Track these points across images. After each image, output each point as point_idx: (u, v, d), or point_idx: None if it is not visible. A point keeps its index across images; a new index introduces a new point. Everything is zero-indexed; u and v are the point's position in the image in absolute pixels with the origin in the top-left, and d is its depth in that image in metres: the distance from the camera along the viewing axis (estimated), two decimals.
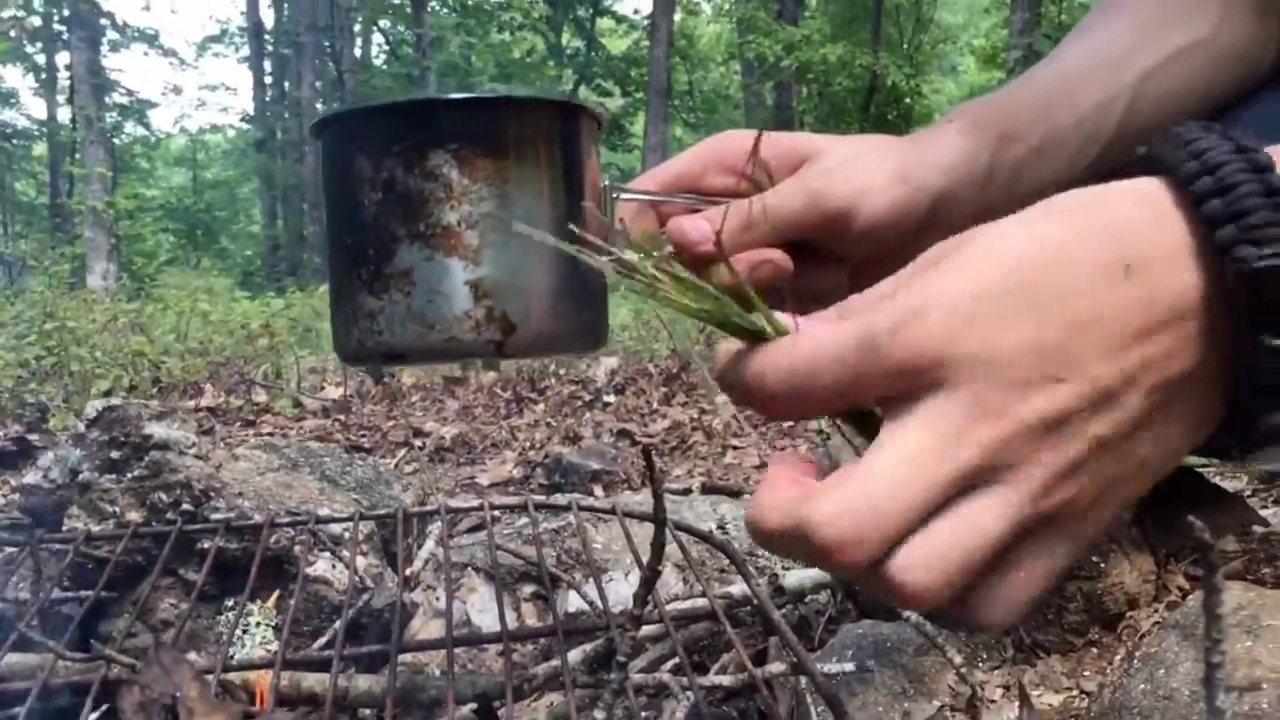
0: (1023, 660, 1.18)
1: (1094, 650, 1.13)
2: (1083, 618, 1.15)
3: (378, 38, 23.64)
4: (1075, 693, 1.08)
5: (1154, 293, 0.49)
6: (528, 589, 1.53)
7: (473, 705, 1.00)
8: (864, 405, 0.51)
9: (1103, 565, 1.14)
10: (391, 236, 0.70)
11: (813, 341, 0.49)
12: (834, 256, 0.76)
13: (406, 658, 0.94)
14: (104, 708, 1.00)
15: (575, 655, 1.15)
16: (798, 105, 15.58)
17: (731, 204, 0.74)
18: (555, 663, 1.09)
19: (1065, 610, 1.16)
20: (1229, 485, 1.92)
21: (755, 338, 0.51)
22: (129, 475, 1.42)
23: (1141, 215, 0.51)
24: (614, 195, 0.76)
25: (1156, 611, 1.14)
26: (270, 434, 3.39)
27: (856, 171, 0.74)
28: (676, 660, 1.18)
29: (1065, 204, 0.52)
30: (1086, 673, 1.10)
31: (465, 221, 0.69)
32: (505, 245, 0.70)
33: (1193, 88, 0.86)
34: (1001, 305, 0.50)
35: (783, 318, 0.51)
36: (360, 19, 21.55)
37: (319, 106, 18.30)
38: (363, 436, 3.37)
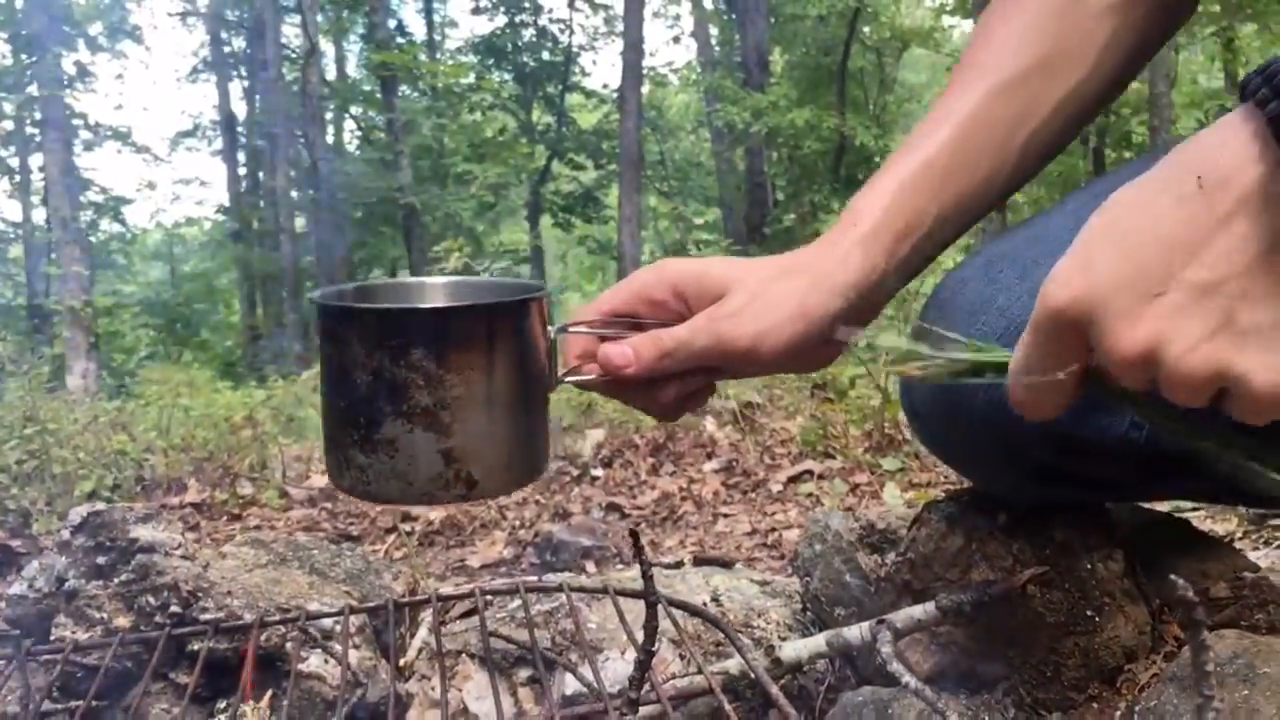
0: (1024, 719, 1.17)
1: (1095, 705, 1.12)
2: (1081, 673, 1.14)
3: (350, 124, 23.88)
4: None
5: (1223, 190, 0.59)
6: (524, 673, 1.52)
7: None
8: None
9: (1097, 619, 1.13)
10: (379, 411, 0.87)
11: None
12: (733, 372, 0.91)
13: None
14: None
15: None
16: (769, 169, 15.77)
17: (651, 335, 0.87)
18: None
19: (1063, 667, 1.15)
20: (1219, 528, 1.93)
21: None
22: (116, 580, 1.40)
23: (1214, 137, 0.61)
24: (558, 336, 0.94)
25: (1154, 663, 1.14)
26: (258, 527, 3.36)
27: (760, 312, 0.85)
28: None
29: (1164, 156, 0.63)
30: None
31: (440, 404, 0.86)
32: (472, 419, 0.87)
33: (1069, 130, 0.96)
34: (1096, 248, 0.62)
35: None
36: (332, 107, 21.79)
37: (294, 195, 18.42)
38: (350, 524, 3.35)
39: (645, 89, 19.21)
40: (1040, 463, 1.08)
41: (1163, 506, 1.43)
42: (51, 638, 1.40)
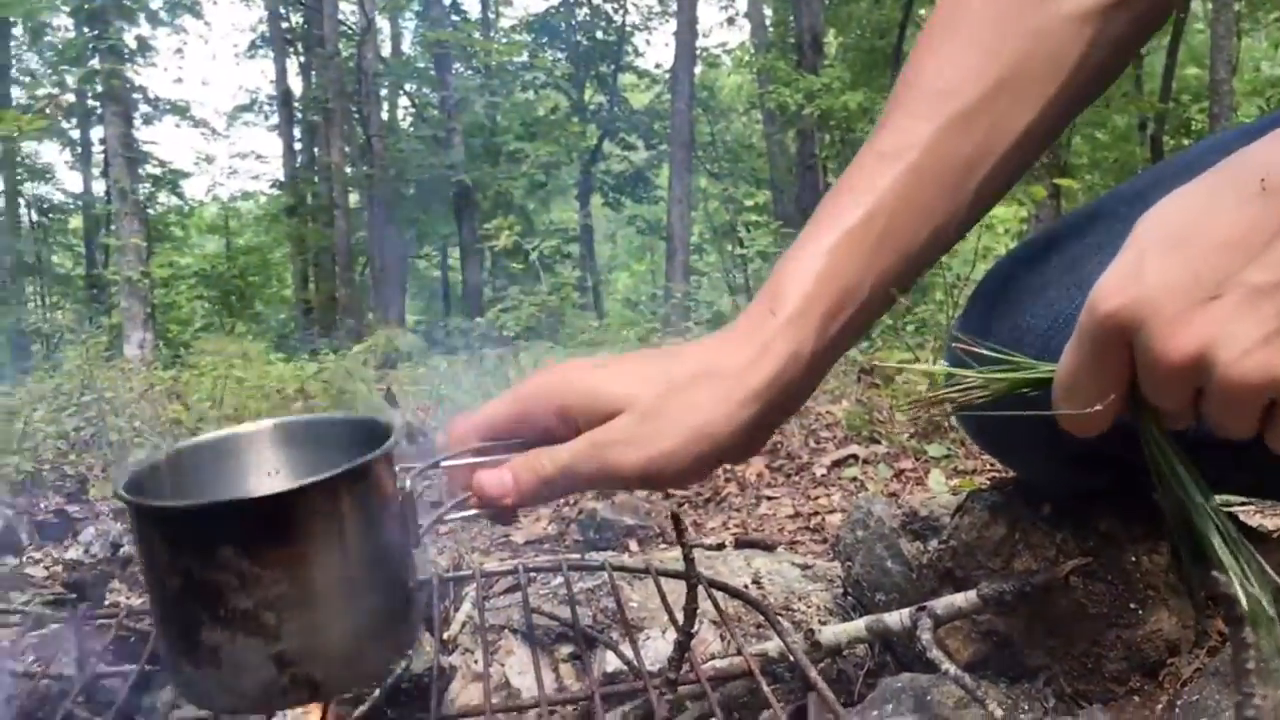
0: (1064, 711, 1.16)
1: (1136, 699, 1.11)
2: (1123, 665, 1.13)
3: (404, 101, 24.02)
4: None
5: None
6: (565, 649, 1.53)
7: None
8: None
9: (1141, 612, 1.13)
10: (195, 619, 0.76)
11: None
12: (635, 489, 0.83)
13: None
14: None
15: (614, 718, 1.15)
16: (821, 152, 15.65)
17: (531, 460, 0.78)
18: None
19: (1105, 659, 1.15)
20: (1269, 523, 1.90)
21: None
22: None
23: (1277, 143, 0.58)
24: (413, 488, 0.83)
25: (1198, 658, 1.13)
26: None
27: (652, 437, 0.75)
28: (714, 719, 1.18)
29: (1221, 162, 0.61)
30: None
31: (261, 604, 0.74)
32: (302, 616, 0.76)
33: (1026, 164, 0.83)
34: (1147, 252, 0.59)
35: None
36: (386, 84, 21.92)
37: (348, 171, 18.56)
38: None
39: (698, 69, 19.12)
40: (1085, 451, 1.06)
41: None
42: (106, 602, 1.44)
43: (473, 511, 0.84)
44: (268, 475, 0.95)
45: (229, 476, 0.93)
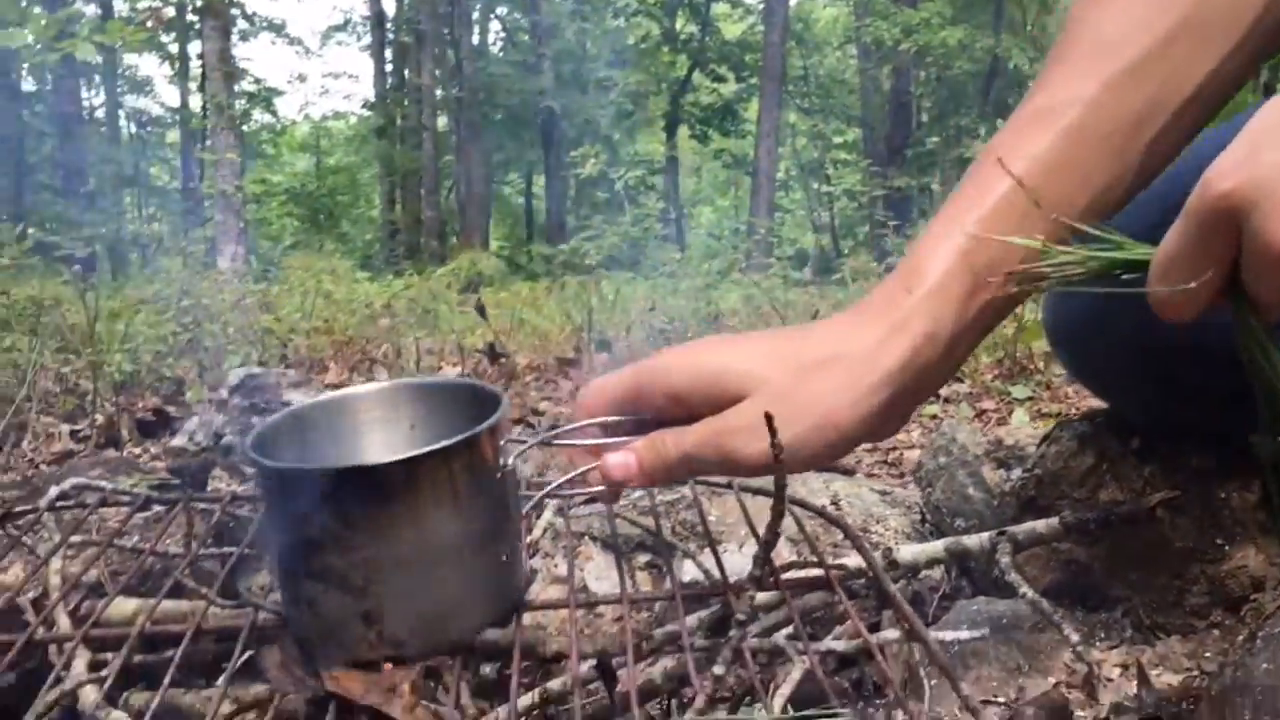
0: (1141, 641, 1.17)
1: (1216, 632, 1.11)
2: (1205, 600, 1.13)
3: (495, 25, 23.97)
4: (1196, 673, 1.07)
5: None
6: (643, 558, 1.57)
7: (593, 661, 1.04)
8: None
9: (1227, 548, 1.12)
10: (296, 569, 0.85)
11: None
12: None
13: (528, 618, 0.98)
14: (249, 653, 1.06)
15: (691, 621, 1.18)
16: (915, 89, 15.32)
17: (654, 443, 0.77)
18: (672, 626, 1.12)
19: (1187, 593, 1.14)
20: None
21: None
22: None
23: None
24: (515, 465, 0.87)
25: None
26: None
27: (779, 426, 0.70)
28: (791, 627, 1.20)
29: None
30: (1208, 654, 1.09)
31: (352, 565, 0.81)
32: (390, 579, 0.82)
33: (1202, 120, 0.76)
34: (1263, 138, 0.58)
35: None
36: (478, 7, 21.86)
37: (438, 94, 18.62)
38: None
39: (793, 1, 18.76)
40: (1189, 385, 1.04)
41: None
42: (208, 489, 1.50)
43: (594, 489, 0.86)
44: (377, 439, 1.01)
45: (344, 436, 1.00)
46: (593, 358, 4.26)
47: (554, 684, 1.11)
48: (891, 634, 1.02)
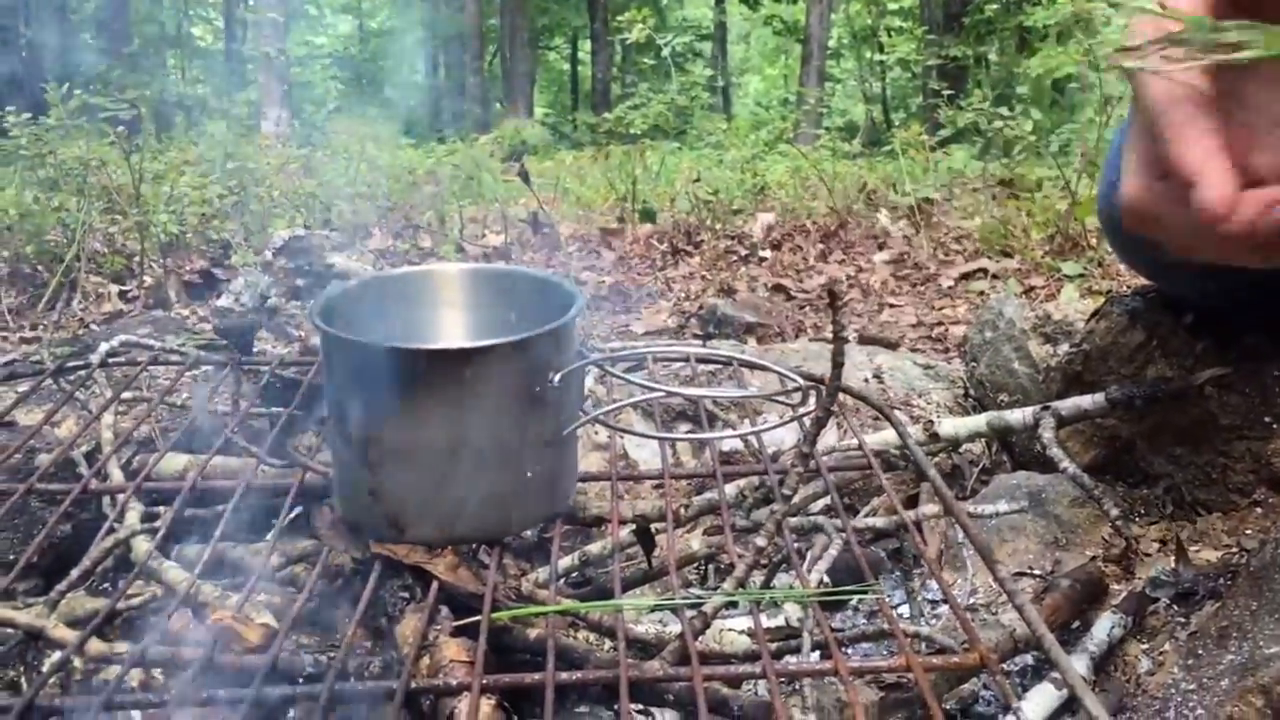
0: (1182, 517, 1.16)
1: (1258, 510, 1.11)
2: (1249, 478, 1.12)
3: None
4: (1235, 550, 1.07)
5: None
6: (683, 428, 1.58)
7: (632, 526, 1.05)
8: None
9: (1275, 426, 1.11)
10: (332, 434, 0.89)
11: None
12: None
13: None
14: (298, 509, 1.08)
15: (730, 490, 1.18)
16: None
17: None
18: (711, 494, 1.13)
19: (1230, 470, 1.14)
20: None
21: None
22: (312, 300, 1.50)
23: None
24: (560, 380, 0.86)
25: None
26: None
27: None
28: (828, 501, 1.21)
29: None
30: (1249, 530, 1.09)
31: (371, 440, 0.83)
32: (406, 463, 0.83)
33: None
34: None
35: None
36: None
37: None
38: None
39: None
40: (1246, 273, 1.01)
41: None
42: (255, 350, 1.52)
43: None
44: (447, 320, 1.03)
45: (413, 311, 1.01)
46: (636, 228, 4.22)
47: (593, 547, 1.13)
48: (929, 509, 1.03)
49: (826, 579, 0.98)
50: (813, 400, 0.89)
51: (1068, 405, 1.21)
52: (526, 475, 0.87)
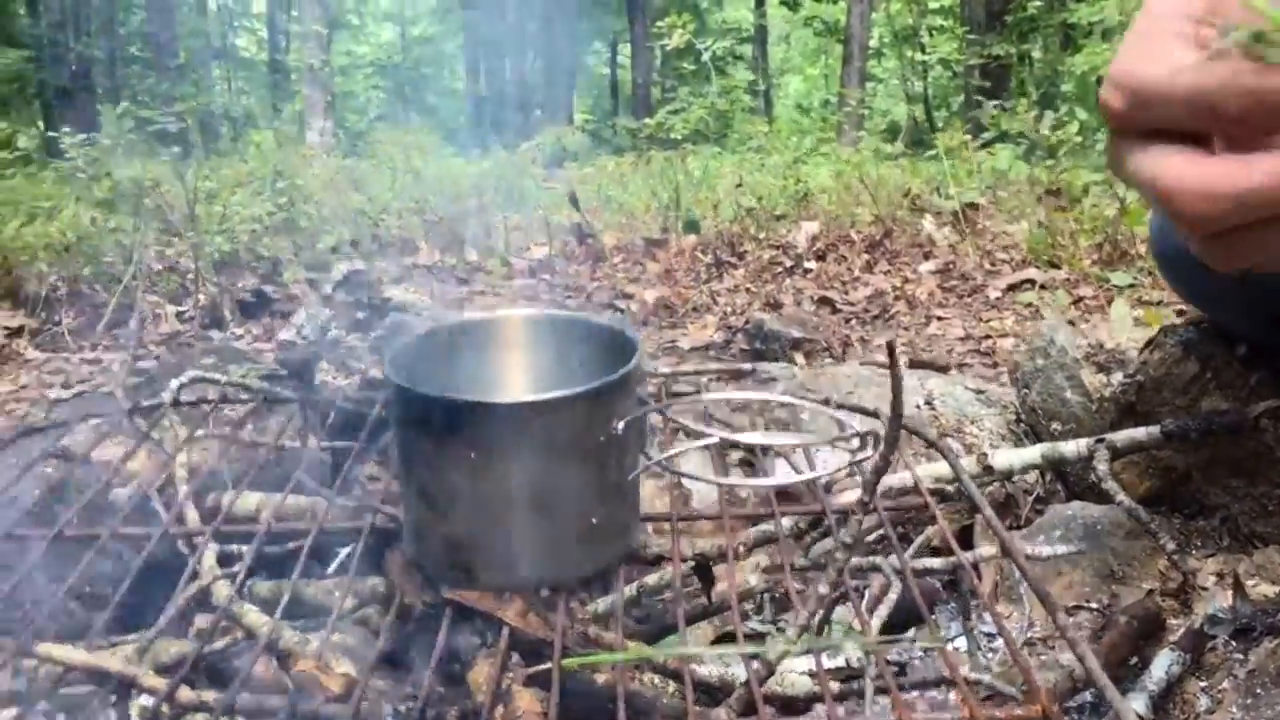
0: (1239, 550, 1.17)
1: None
2: None
3: None
4: None
5: None
6: (735, 455, 1.59)
7: (692, 564, 1.07)
8: None
9: None
10: (403, 481, 0.90)
11: None
12: None
13: None
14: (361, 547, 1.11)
15: (787, 523, 1.20)
16: None
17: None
18: (767, 527, 1.15)
19: None
20: None
21: None
22: (372, 334, 1.54)
23: None
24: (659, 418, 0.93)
25: None
26: (482, 292, 3.54)
27: None
28: (882, 532, 1.22)
29: None
30: None
31: (442, 488, 0.86)
32: (475, 511, 0.85)
33: None
34: None
35: None
36: None
37: None
38: (568, 297, 3.48)
39: None
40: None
41: None
42: (316, 381, 1.56)
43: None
44: (510, 368, 1.06)
45: (478, 357, 1.04)
46: (680, 239, 4.24)
47: (650, 578, 1.16)
48: (986, 550, 1.04)
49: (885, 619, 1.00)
50: (870, 445, 0.90)
51: (1122, 437, 1.22)
52: (592, 521, 0.89)
